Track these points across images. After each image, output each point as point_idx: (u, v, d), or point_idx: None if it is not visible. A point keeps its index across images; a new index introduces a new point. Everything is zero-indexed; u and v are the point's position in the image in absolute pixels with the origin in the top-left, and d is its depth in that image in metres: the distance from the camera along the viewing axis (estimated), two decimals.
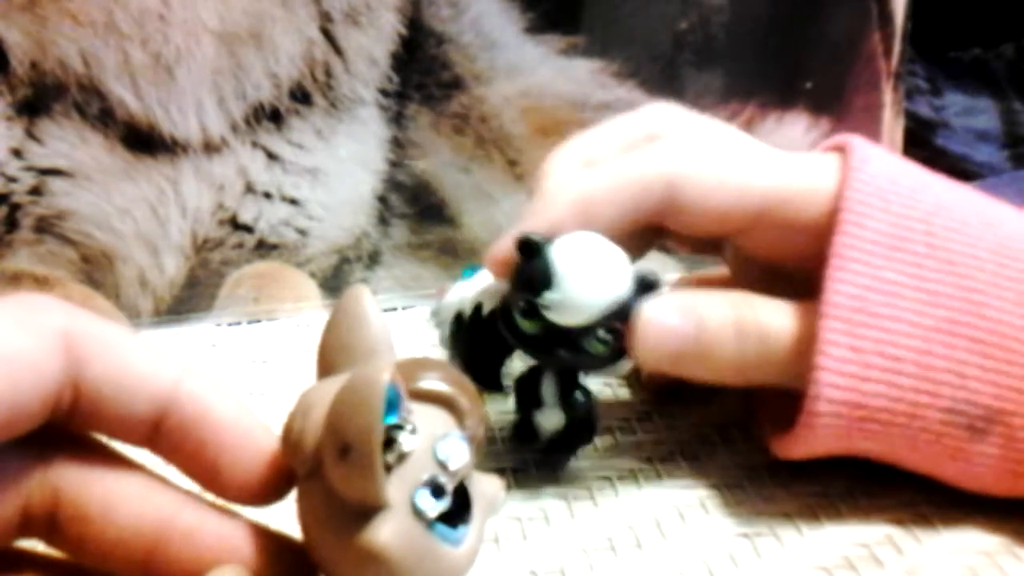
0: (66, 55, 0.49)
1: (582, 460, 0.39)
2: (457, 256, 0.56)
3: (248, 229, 0.53)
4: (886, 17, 0.57)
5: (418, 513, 0.22)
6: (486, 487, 0.24)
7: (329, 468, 0.21)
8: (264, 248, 0.53)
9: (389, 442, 0.22)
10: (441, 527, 0.22)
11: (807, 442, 0.33)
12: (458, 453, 0.23)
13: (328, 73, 0.53)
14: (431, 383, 0.24)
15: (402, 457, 0.22)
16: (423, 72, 0.54)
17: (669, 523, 0.35)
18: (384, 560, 0.21)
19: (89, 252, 0.51)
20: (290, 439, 0.23)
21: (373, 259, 0.55)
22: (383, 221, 0.55)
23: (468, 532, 0.23)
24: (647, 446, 0.40)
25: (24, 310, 0.22)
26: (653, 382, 0.43)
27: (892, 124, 0.58)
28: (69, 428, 0.23)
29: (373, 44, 0.53)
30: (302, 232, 0.54)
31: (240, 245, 0.53)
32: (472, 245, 0.56)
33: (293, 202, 0.53)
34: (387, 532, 0.21)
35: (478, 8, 0.54)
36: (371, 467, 0.21)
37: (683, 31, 0.56)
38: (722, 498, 0.37)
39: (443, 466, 0.22)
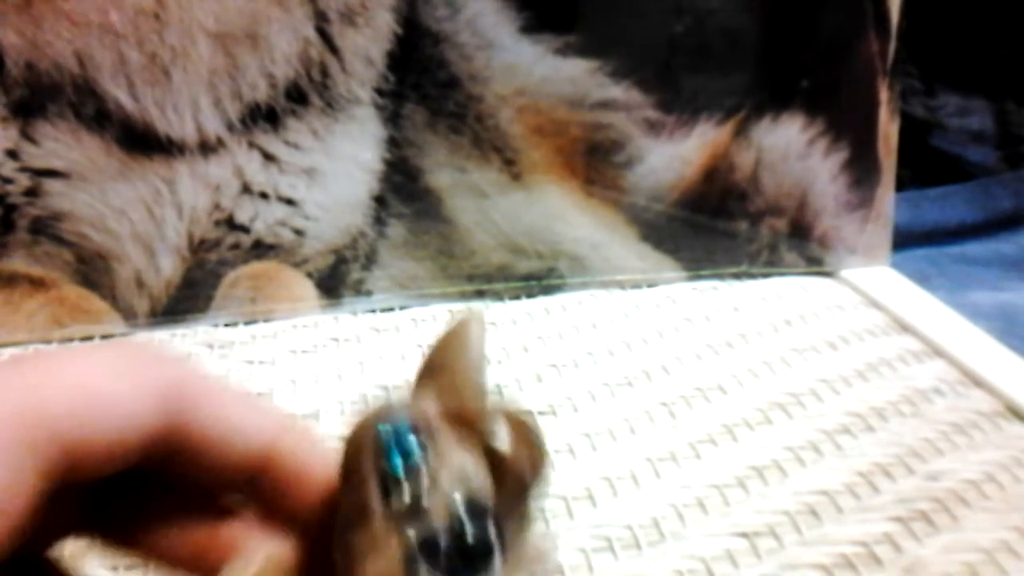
0: (61, 56, 0.49)
1: (581, 461, 0.39)
2: (453, 256, 0.56)
3: (244, 229, 0.53)
4: (881, 16, 0.57)
5: (410, 568, 0.21)
6: (534, 546, 0.23)
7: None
8: (261, 248, 0.53)
9: (387, 490, 0.21)
10: None
11: None
12: (474, 526, 0.21)
13: (324, 73, 0.52)
14: (497, 437, 0.22)
15: (415, 504, 0.21)
16: (419, 71, 0.54)
17: (668, 523, 0.35)
18: None
19: (85, 253, 0.51)
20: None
21: (370, 259, 0.55)
22: (379, 221, 0.55)
23: None
24: (646, 446, 0.40)
25: (127, 358, 0.22)
26: None
27: (887, 123, 0.58)
28: (164, 476, 0.23)
29: (369, 44, 0.53)
30: (299, 232, 0.54)
31: (236, 245, 0.53)
32: (468, 245, 0.56)
33: (289, 202, 0.53)
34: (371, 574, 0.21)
35: (474, 8, 0.53)
36: (364, 503, 0.21)
37: (679, 31, 0.56)
38: (721, 498, 0.37)
39: (455, 530, 0.21)
